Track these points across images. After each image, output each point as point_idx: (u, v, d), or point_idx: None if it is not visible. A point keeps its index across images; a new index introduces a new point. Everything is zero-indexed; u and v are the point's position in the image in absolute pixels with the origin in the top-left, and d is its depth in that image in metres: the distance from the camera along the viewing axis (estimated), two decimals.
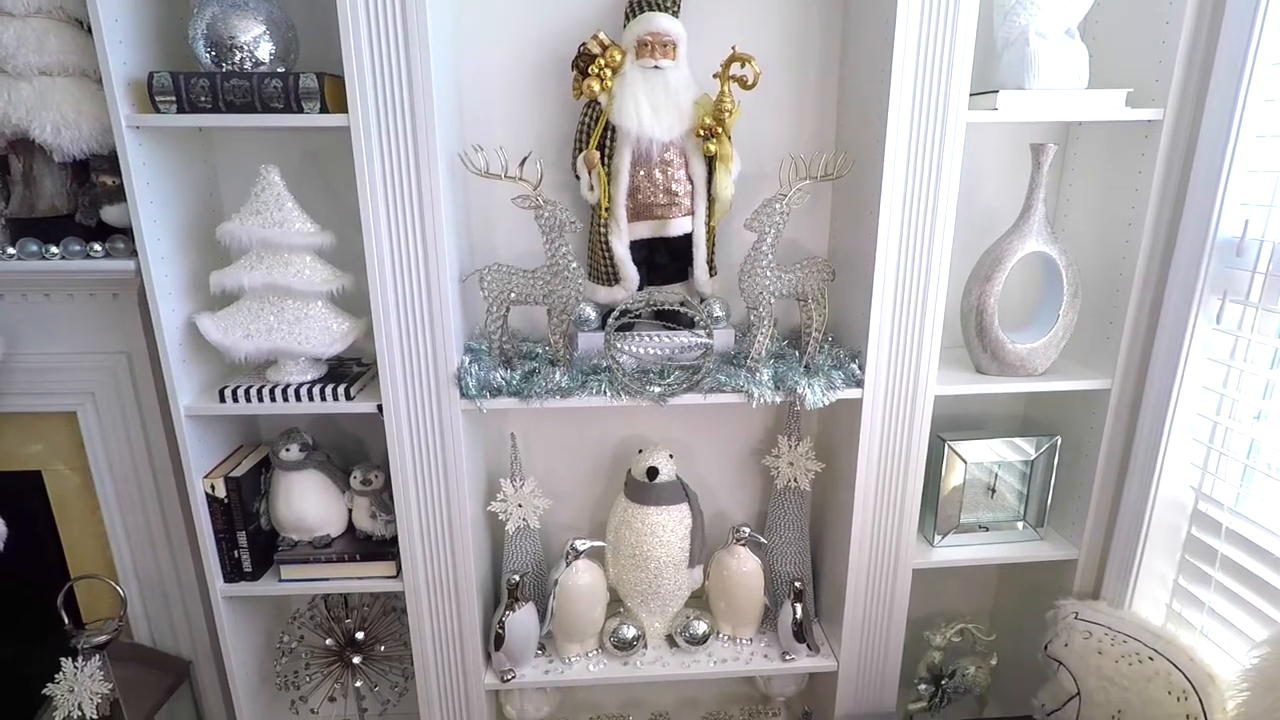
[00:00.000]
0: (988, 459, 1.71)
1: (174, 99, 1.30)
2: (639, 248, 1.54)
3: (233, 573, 1.59)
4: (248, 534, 1.57)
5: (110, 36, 1.27)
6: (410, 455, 1.51)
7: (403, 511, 1.54)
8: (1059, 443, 1.68)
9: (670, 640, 1.77)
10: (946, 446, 1.66)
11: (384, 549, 1.63)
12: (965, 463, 1.68)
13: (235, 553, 1.58)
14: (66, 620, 1.62)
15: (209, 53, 1.34)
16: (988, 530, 1.75)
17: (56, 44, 1.37)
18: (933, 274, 1.47)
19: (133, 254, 1.43)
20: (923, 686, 1.85)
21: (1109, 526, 1.66)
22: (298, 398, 1.49)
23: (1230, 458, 1.45)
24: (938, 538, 1.72)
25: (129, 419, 1.66)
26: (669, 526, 1.66)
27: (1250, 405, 1.42)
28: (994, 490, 1.74)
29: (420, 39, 1.28)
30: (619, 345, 1.49)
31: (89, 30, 1.37)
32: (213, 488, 1.53)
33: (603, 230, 1.51)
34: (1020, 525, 1.76)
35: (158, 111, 1.31)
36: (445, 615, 1.62)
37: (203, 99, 1.30)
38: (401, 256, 1.40)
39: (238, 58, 1.35)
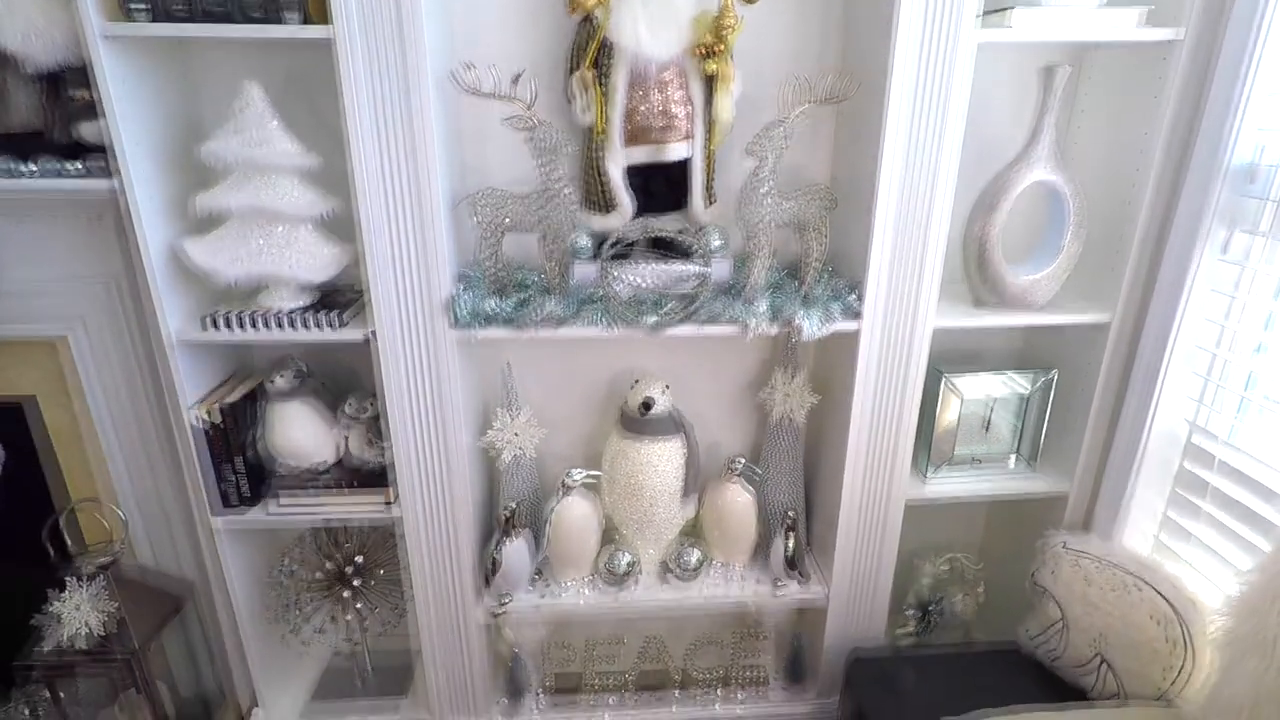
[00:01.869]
0: (984, 394, 1.70)
1: (147, 6, 1.24)
2: (635, 174, 1.49)
3: (228, 500, 1.60)
4: (244, 460, 1.58)
5: None
6: (403, 384, 1.50)
7: (396, 441, 1.54)
8: (1055, 377, 1.68)
9: (664, 568, 1.80)
10: (944, 381, 1.65)
11: (379, 477, 1.63)
12: (961, 398, 1.68)
13: (231, 479, 1.59)
14: (70, 542, 1.64)
15: None
16: (981, 464, 1.76)
17: None
18: (935, 203, 1.43)
19: (112, 173, 1.38)
20: (910, 613, 1.89)
21: (1101, 461, 1.67)
22: (287, 325, 1.47)
23: (1227, 390, 1.45)
24: (931, 471, 1.73)
25: (121, 345, 1.65)
26: (664, 458, 1.66)
27: (1251, 337, 1.40)
28: (989, 424, 1.74)
29: None
30: (614, 274, 1.46)
31: None
32: (206, 414, 1.52)
33: (598, 155, 1.46)
34: (1013, 459, 1.77)
35: (131, 20, 1.25)
36: (441, 543, 1.64)
37: (178, 6, 1.24)
38: (390, 179, 1.36)
39: None
